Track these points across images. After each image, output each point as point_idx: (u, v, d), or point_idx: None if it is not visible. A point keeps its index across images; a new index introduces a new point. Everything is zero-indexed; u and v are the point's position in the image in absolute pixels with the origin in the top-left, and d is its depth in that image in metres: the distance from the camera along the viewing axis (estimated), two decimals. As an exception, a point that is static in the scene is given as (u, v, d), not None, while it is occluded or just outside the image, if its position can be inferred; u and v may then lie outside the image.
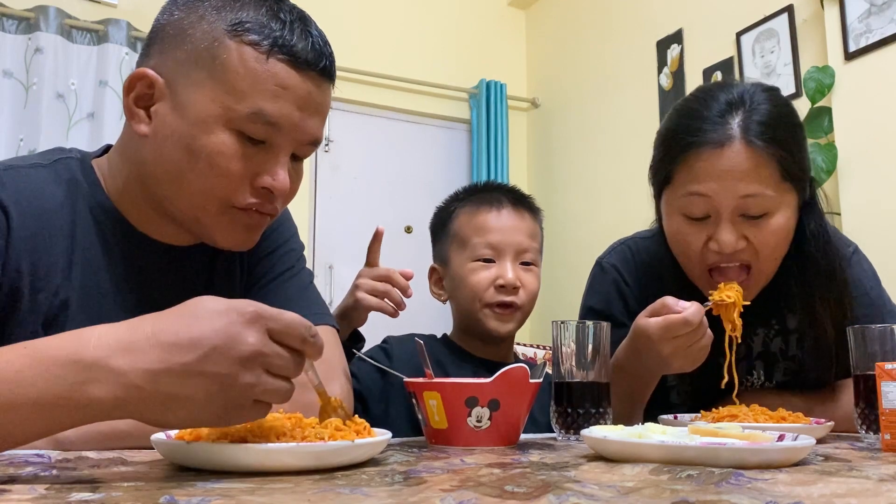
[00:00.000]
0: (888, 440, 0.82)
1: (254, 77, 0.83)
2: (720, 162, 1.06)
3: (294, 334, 0.62)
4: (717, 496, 0.51)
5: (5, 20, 3.25)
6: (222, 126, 0.84)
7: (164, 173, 0.87)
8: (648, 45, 3.59)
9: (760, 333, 1.26)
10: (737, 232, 1.08)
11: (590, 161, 3.92)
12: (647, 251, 1.27)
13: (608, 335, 0.98)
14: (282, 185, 0.87)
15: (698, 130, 1.08)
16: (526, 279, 1.26)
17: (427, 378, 0.89)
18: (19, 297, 0.84)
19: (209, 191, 0.86)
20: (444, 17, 4.25)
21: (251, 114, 0.83)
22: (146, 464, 0.66)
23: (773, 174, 1.07)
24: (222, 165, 0.84)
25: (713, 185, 1.06)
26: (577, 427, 0.92)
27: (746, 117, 1.07)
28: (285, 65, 0.84)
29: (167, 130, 0.85)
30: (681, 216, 1.12)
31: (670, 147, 1.12)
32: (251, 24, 0.84)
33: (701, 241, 1.10)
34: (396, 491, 0.53)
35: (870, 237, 2.36)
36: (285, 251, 1.05)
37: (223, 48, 0.84)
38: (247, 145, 0.85)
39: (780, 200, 1.08)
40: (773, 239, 1.09)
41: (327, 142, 3.92)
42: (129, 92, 0.87)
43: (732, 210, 1.07)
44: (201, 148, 0.84)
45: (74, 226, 0.89)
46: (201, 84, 0.84)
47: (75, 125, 3.28)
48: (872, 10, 2.49)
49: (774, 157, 1.06)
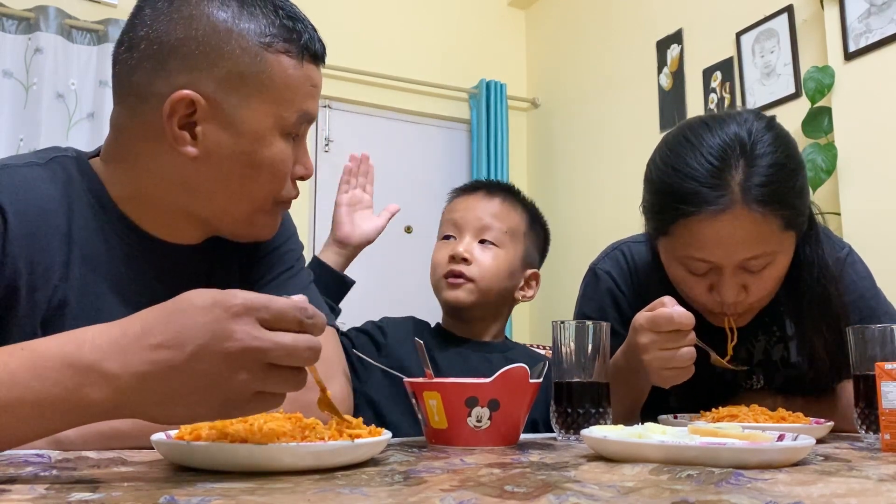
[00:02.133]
0: (888, 440, 0.82)
1: (296, 83, 0.89)
2: (721, 229, 1.02)
3: (289, 319, 0.60)
4: (717, 496, 0.51)
5: (5, 20, 3.25)
6: (278, 134, 0.89)
7: (222, 190, 0.90)
8: (648, 45, 3.59)
9: (762, 340, 1.25)
10: (738, 285, 1.07)
11: (590, 161, 3.92)
12: (641, 256, 1.26)
13: (608, 335, 0.98)
14: (310, 170, 0.95)
15: (695, 195, 1.02)
16: (480, 255, 1.32)
17: (427, 378, 0.89)
18: (17, 297, 0.84)
19: (268, 194, 0.92)
20: (444, 17, 4.25)
21: (299, 116, 0.90)
22: (146, 464, 0.66)
23: (775, 230, 1.04)
24: (284, 171, 0.91)
25: (715, 251, 1.04)
26: (577, 427, 0.92)
27: (746, 178, 1.01)
28: (311, 63, 0.91)
29: (220, 149, 0.87)
30: (682, 267, 1.10)
31: (665, 206, 1.07)
32: (277, 32, 0.88)
33: (703, 288, 1.09)
34: (396, 491, 0.53)
35: (870, 237, 2.36)
36: (285, 251, 1.05)
37: (264, 62, 0.87)
38: (291, 144, 0.92)
39: (780, 250, 1.07)
40: (772, 283, 1.09)
41: (327, 142, 3.92)
42: (172, 116, 0.85)
43: (734, 269, 1.06)
44: (263, 160, 0.89)
45: (71, 224, 0.88)
46: (250, 99, 0.87)
47: (75, 125, 3.28)
48: (872, 10, 2.49)
49: (777, 215, 1.03)
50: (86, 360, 0.58)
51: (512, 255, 1.34)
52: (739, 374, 1.23)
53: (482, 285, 1.30)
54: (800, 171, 1.09)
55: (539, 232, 1.41)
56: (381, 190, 4.43)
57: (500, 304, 1.37)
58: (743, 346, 1.22)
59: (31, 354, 0.59)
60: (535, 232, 1.40)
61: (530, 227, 1.39)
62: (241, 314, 0.58)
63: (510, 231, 1.35)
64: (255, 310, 0.59)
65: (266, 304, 0.59)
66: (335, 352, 1.00)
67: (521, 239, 1.36)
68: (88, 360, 0.58)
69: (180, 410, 0.60)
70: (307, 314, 0.61)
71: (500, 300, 1.36)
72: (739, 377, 1.25)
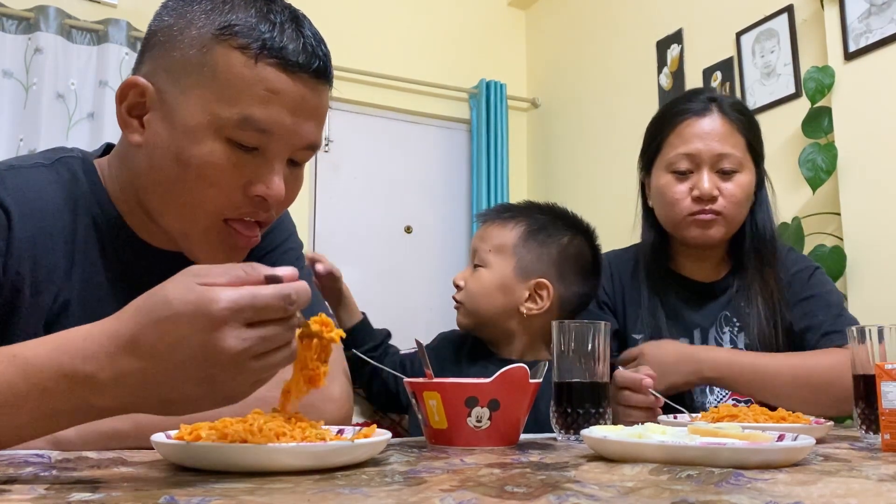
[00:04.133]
0: (888, 440, 0.82)
1: (242, 82, 0.80)
2: (702, 125, 1.38)
3: (275, 310, 0.59)
4: (717, 496, 0.51)
5: (5, 20, 3.25)
6: (212, 135, 0.81)
7: (154, 184, 0.85)
8: (648, 45, 3.58)
9: (727, 332, 1.40)
10: (713, 182, 1.37)
11: (590, 161, 3.92)
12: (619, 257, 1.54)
13: (608, 335, 0.98)
14: (276, 193, 0.84)
15: (686, 105, 1.42)
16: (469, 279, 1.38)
17: (427, 378, 0.89)
18: (20, 298, 0.84)
19: (199, 203, 0.83)
20: (444, 17, 4.25)
21: (240, 120, 0.80)
22: (146, 464, 0.66)
23: (741, 142, 1.39)
24: (212, 175, 0.81)
25: (697, 145, 1.38)
26: (577, 427, 0.92)
27: (721, 101, 1.42)
28: (275, 68, 0.81)
29: (158, 140, 0.83)
30: (669, 174, 1.40)
31: (661, 123, 1.44)
32: (239, 27, 0.81)
33: (685, 192, 1.38)
34: (396, 491, 0.53)
35: (870, 237, 2.36)
36: (284, 250, 1.04)
37: (211, 54, 0.81)
38: (239, 153, 0.82)
39: (744, 163, 1.39)
40: (739, 191, 1.38)
41: (327, 142, 3.92)
42: (122, 101, 0.85)
43: (710, 165, 1.37)
44: (190, 158, 0.81)
45: (75, 227, 0.89)
46: (190, 91, 0.81)
47: (75, 125, 3.28)
48: (872, 10, 2.49)
49: (742, 128, 1.40)
50: (81, 372, 0.58)
51: (498, 271, 1.33)
52: None
53: (469, 307, 1.36)
54: (757, 125, 1.45)
55: (544, 239, 1.35)
56: (381, 190, 4.46)
57: (506, 320, 1.34)
58: (711, 337, 1.41)
59: (23, 364, 0.58)
60: (536, 241, 1.35)
61: (526, 239, 1.34)
62: (227, 320, 0.57)
63: (494, 248, 1.35)
64: (240, 312, 0.58)
65: (251, 304, 0.58)
66: (336, 351, 0.99)
67: (509, 252, 1.34)
68: (84, 371, 0.58)
69: (183, 410, 0.61)
70: (290, 301, 0.60)
71: (502, 317, 1.34)
72: None
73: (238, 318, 0.57)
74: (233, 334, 0.57)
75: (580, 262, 1.37)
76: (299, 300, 0.61)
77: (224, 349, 0.57)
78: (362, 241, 3.88)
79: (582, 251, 1.38)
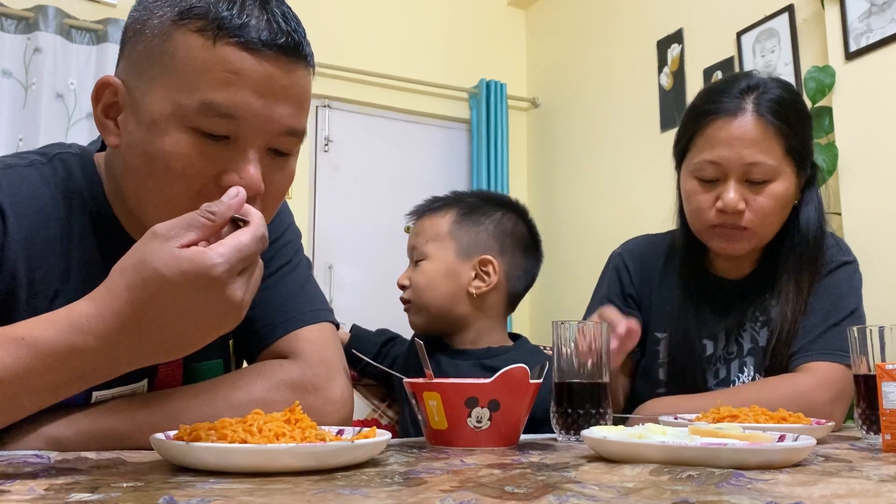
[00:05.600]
0: (888, 440, 0.82)
1: (202, 66, 0.75)
2: (732, 130, 1.22)
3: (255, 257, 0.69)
4: (718, 497, 0.51)
5: (4, 20, 3.25)
6: (176, 125, 0.76)
7: (131, 185, 0.82)
8: (648, 45, 3.58)
9: (748, 328, 1.32)
10: (739, 194, 1.23)
11: (590, 161, 3.92)
12: (655, 244, 1.45)
13: (608, 335, 0.98)
14: (250, 181, 0.77)
15: (717, 103, 1.25)
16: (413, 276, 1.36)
17: (427, 378, 0.89)
18: (16, 301, 0.82)
19: (171, 199, 0.78)
20: (444, 17, 4.25)
21: (201, 106, 0.75)
22: (146, 464, 0.66)
23: (777, 147, 1.22)
24: (179, 168, 0.77)
25: (724, 152, 1.22)
26: (577, 427, 0.92)
27: (759, 96, 1.24)
28: (235, 48, 0.75)
29: (130, 139, 0.80)
30: (694, 179, 1.27)
31: (691, 119, 1.30)
32: (198, 9, 0.76)
33: (710, 202, 1.25)
34: (396, 491, 0.53)
35: (870, 237, 2.36)
36: (282, 244, 1.01)
37: (170, 41, 0.77)
38: (207, 143, 0.77)
39: (780, 171, 1.23)
40: (770, 203, 1.24)
41: (327, 142, 3.91)
42: (98, 102, 0.82)
43: (738, 175, 1.23)
44: (157, 151, 0.77)
45: (71, 226, 0.86)
46: (153, 83, 0.77)
47: (74, 125, 3.28)
48: (873, 10, 2.48)
49: (780, 131, 1.22)
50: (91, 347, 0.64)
51: (440, 259, 1.33)
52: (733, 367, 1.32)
53: (418, 302, 1.34)
54: (805, 114, 1.29)
55: (474, 218, 1.36)
56: (380, 190, 4.46)
57: (457, 305, 1.33)
58: (733, 338, 1.32)
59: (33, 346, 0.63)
60: (470, 220, 1.35)
61: (460, 222, 1.35)
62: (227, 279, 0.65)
63: (431, 238, 1.36)
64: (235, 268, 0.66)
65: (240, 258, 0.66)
66: (335, 349, 0.98)
67: (446, 238, 1.35)
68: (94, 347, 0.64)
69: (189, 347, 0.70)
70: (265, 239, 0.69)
71: (452, 303, 1.33)
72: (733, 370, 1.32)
73: (234, 272, 0.65)
74: (235, 287, 0.66)
75: (516, 236, 1.38)
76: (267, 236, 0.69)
77: (233, 301, 0.66)
78: (362, 241, 3.87)
79: (517, 226, 1.39)
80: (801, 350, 1.24)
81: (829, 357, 1.21)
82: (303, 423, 0.68)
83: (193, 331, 0.67)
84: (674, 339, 1.33)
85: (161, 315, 0.64)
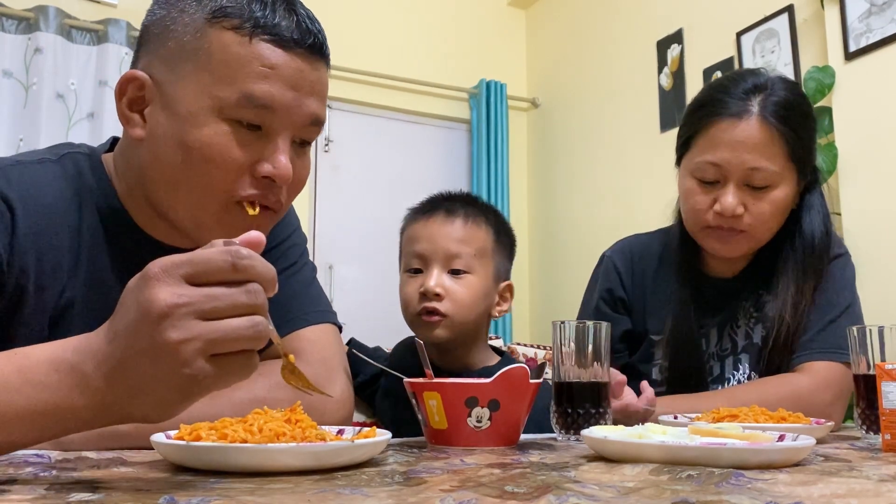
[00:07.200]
0: (888, 440, 0.82)
1: (239, 61, 0.81)
2: (736, 133, 1.19)
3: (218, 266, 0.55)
4: (718, 496, 0.51)
5: (5, 20, 3.25)
6: (214, 117, 0.81)
7: (161, 176, 0.85)
8: (648, 45, 3.58)
9: (742, 325, 1.31)
10: (738, 198, 1.20)
11: (590, 161, 3.92)
12: (647, 245, 1.42)
13: (608, 335, 0.98)
14: (283, 170, 0.83)
15: (721, 101, 1.22)
16: (453, 287, 1.20)
17: (427, 378, 0.89)
18: (24, 295, 0.84)
19: (207, 186, 0.83)
20: (444, 17, 4.25)
21: (240, 98, 0.81)
22: (146, 464, 0.66)
23: (781, 153, 1.20)
24: (217, 156, 0.81)
25: (726, 155, 1.20)
26: (577, 427, 0.92)
27: (766, 98, 1.20)
28: (270, 44, 0.82)
29: (160, 131, 0.83)
30: (694, 179, 1.25)
31: (694, 115, 1.26)
32: (231, 9, 0.82)
33: (708, 203, 1.23)
34: (396, 491, 0.53)
35: (870, 237, 2.36)
36: (288, 246, 1.04)
37: (205, 38, 0.82)
38: (242, 133, 0.82)
39: (782, 177, 1.21)
40: (769, 209, 1.22)
41: (327, 142, 3.92)
42: (122, 96, 0.85)
43: (739, 179, 1.20)
44: (194, 141, 0.81)
45: (81, 223, 0.88)
46: (187, 77, 0.82)
47: (75, 125, 3.28)
48: (873, 10, 2.49)
49: (784, 137, 1.19)
50: (69, 362, 0.57)
51: (484, 278, 1.23)
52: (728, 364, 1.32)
53: (458, 319, 1.19)
54: (810, 118, 1.26)
55: (506, 241, 1.30)
56: (380, 190, 4.45)
57: (479, 327, 1.27)
58: (726, 334, 1.32)
59: (22, 359, 0.59)
60: (502, 243, 1.28)
61: (497, 241, 1.27)
62: (159, 277, 0.54)
63: (478, 252, 1.23)
64: (176, 267, 0.55)
65: (189, 259, 0.55)
66: (336, 350, 0.99)
67: (489, 257, 1.25)
68: (71, 361, 0.57)
69: (150, 401, 0.56)
70: (240, 255, 0.55)
71: (478, 324, 1.26)
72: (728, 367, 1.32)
73: (172, 272, 0.55)
74: (166, 288, 0.54)
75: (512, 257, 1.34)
76: (252, 260, 0.56)
77: (156, 301, 0.54)
78: (362, 241, 3.87)
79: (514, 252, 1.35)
80: (800, 349, 1.24)
81: (828, 356, 1.21)
82: (303, 422, 0.68)
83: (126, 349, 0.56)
84: (674, 340, 1.32)
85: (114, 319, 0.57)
